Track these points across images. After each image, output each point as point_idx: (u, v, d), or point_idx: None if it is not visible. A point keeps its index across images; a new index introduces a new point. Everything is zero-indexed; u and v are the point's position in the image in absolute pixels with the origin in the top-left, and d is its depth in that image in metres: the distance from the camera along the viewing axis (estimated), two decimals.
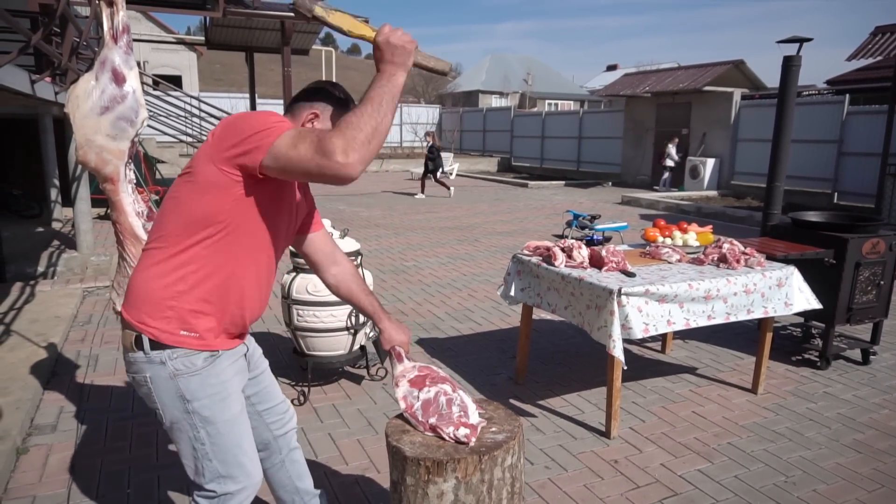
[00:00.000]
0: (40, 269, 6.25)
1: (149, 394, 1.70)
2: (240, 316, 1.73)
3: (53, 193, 8.45)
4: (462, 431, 1.72)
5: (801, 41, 5.34)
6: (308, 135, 1.44)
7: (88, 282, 5.85)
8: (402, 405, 1.82)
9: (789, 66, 5.14)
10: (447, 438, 1.72)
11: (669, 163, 15.60)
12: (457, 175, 19.63)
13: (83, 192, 6.54)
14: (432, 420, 1.76)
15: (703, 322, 3.17)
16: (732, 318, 3.27)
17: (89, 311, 5.18)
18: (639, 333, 2.93)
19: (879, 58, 10.41)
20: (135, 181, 2.42)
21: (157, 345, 1.64)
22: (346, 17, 1.59)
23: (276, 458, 2.07)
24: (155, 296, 1.64)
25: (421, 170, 14.80)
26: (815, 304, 3.55)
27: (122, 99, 2.26)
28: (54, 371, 3.88)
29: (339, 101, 1.74)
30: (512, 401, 3.58)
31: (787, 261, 3.67)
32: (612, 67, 43.86)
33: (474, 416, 1.78)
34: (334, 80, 1.84)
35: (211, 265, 1.63)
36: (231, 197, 1.58)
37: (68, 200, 7.02)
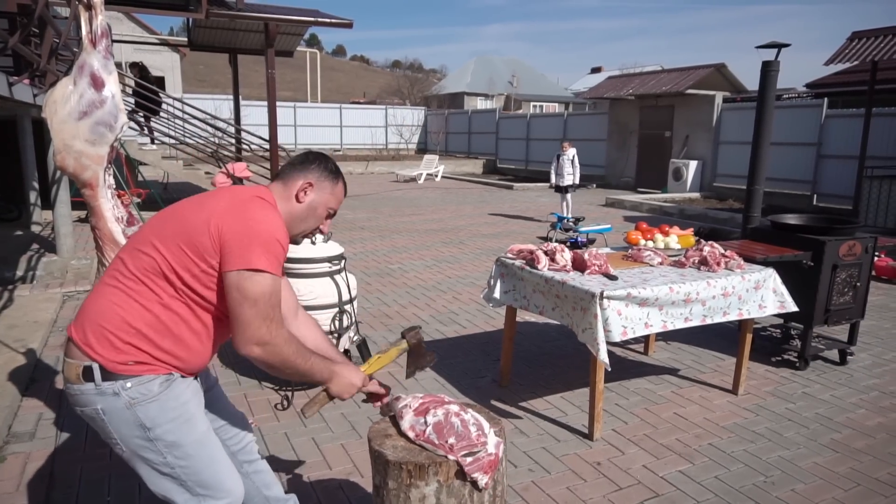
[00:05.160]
0: (19, 273, 6.16)
1: (103, 427, 1.65)
2: (182, 361, 1.70)
3: (33, 196, 8.33)
4: (483, 480, 1.69)
5: (779, 46, 5.42)
6: (268, 306, 1.60)
7: (68, 286, 5.78)
8: (412, 435, 1.78)
9: (768, 71, 5.22)
10: (483, 457, 1.69)
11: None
12: (442, 177, 19.66)
13: (63, 195, 6.46)
14: (451, 441, 1.71)
15: (679, 324, 3.21)
16: (708, 321, 3.31)
17: (69, 315, 5.11)
18: (617, 336, 2.96)
19: (856, 62, 10.58)
20: (114, 186, 2.40)
21: (108, 375, 1.60)
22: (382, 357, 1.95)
23: (239, 473, 2.04)
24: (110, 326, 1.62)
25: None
26: (789, 307, 3.60)
27: (100, 104, 2.24)
28: (33, 377, 3.82)
29: (332, 172, 1.84)
30: (496, 403, 3.60)
31: (766, 263, 3.72)
32: (596, 70, 44.15)
33: (492, 437, 1.75)
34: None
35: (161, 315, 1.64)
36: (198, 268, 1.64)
37: (48, 203, 6.94)
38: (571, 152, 10.53)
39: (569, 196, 10.59)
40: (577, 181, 10.60)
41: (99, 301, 1.65)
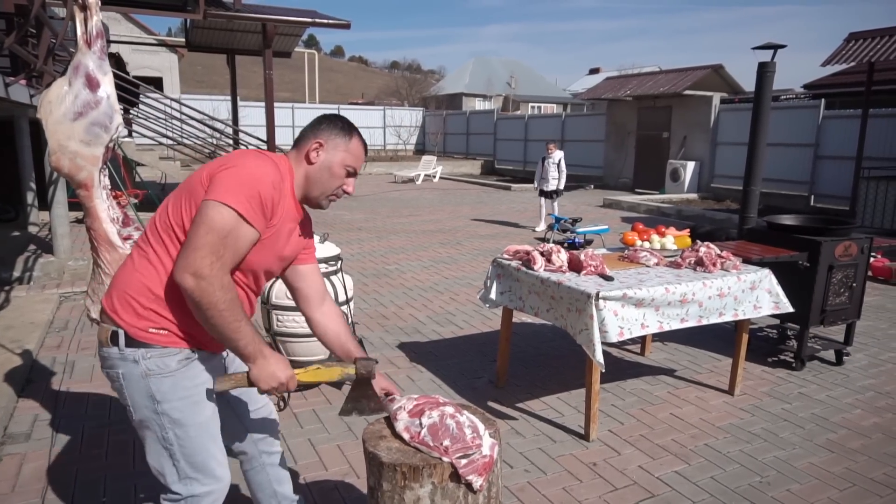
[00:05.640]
0: (16, 273, 6.15)
1: (121, 390, 1.71)
2: (203, 332, 1.69)
3: (30, 197, 8.32)
4: (476, 481, 1.67)
5: (775, 48, 5.43)
6: (222, 244, 1.55)
7: (65, 287, 5.77)
8: (406, 437, 1.77)
9: (764, 72, 5.23)
10: (458, 470, 1.67)
11: None
12: (440, 178, 19.66)
13: (60, 196, 6.45)
14: (446, 443, 1.70)
15: (675, 325, 3.21)
16: (704, 321, 3.32)
17: (66, 316, 5.10)
18: (614, 337, 2.96)
19: (853, 63, 10.61)
20: (109, 187, 2.40)
21: (132, 342, 1.65)
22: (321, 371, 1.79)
23: (255, 462, 2.06)
24: (132, 291, 1.67)
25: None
26: (785, 307, 3.61)
27: (95, 104, 2.23)
28: (29, 378, 3.82)
29: (343, 129, 1.80)
30: (492, 404, 3.60)
31: (762, 264, 3.73)
32: (594, 71, 44.18)
33: (487, 438, 1.74)
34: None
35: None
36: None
37: (45, 204, 6.91)
38: (557, 155, 9.95)
39: (555, 204, 10.12)
40: (562, 186, 10.04)
41: (124, 269, 1.72)
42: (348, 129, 1.81)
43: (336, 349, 1.95)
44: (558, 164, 9.89)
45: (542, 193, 10.10)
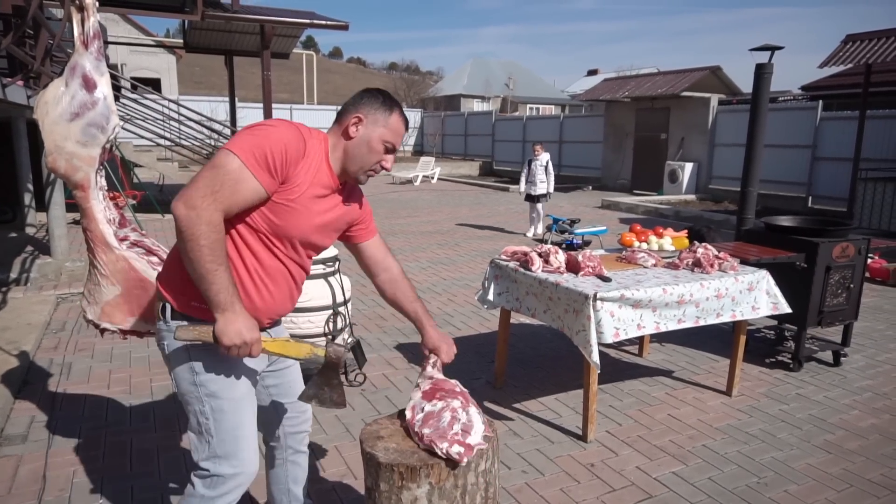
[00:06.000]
0: (13, 275, 6.14)
1: (167, 362, 1.78)
2: (251, 307, 1.72)
3: (27, 198, 8.31)
4: (455, 449, 1.66)
5: (772, 49, 5.44)
6: (221, 183, 1.57)
7: (62, 288, 5.76)
8: (409, 415, 1.79)
9: (761, 74, 5.24)
10: (440, 454, 1.66)
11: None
12: (438, 179, 19.67)
13: (57, 197, 6.44)
14: (426, 431, 1.71)
15: (672, 326, 3.21)
16: (702, 322, 3.32)
17: (63, 318, 5.09)
18: (609, 338, 2.96)
19: (850, 65, 10.64)
20: (106, 188, 2.40)
21: (176, 314, 1.71)
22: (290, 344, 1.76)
23: (279, 455, 2.10)
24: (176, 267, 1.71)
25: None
26: (783, 308, 3.61)
27: (92, 105, 2.23)
28: (26, 380, 3.81)
29: (384, 104, 1.79)
30: (490, 405, 3.60)
31: (759, 265, 3.73)
32: (592, 72, 44.21)
33: (475, 437, 1.72)
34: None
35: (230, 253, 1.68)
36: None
37: (42, 205, 6.90)
38: (545, 157, 9.48)
39: (540, 206, 9.56)
40: (550, 190, 9.56)
41: (173, 250, 1.76)
42: (389, 104, 1.80)
43: (400, 311, 2.10)
44: (546, 167, 9.45)
45: (530, 198, 9.59)
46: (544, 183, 9.46)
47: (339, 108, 1.83)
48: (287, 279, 1.80)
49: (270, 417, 2.04)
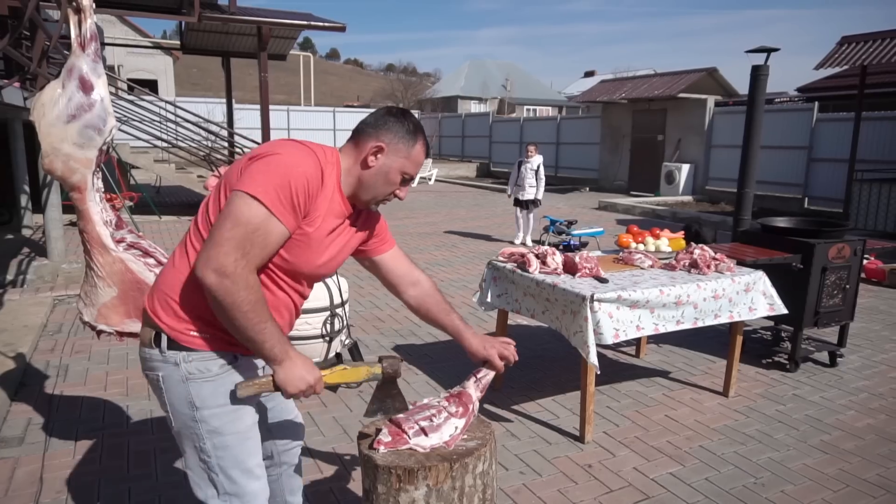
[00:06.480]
0: (9, 277, 6.12)
1: (160, 394, 1.65)
2: None
3: (24, 200, 8.29)
4: (392, 429, 1.70)
5: (768, 51, 5.46)
6: (248, 240, 1.46)
7: (59, 290, 5.74)
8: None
9: (757, 75, 5.26)
10: (411, 444, 1.70)
11: None
12: (436, 180, 19.67)
13: (54, 199, 6.43)
14: (399, 416, 1.76)
15: (671, 327, 3.22)
16: (700, 323, 3.33)
17: (59, 320, 5.08)
18: (609, 339, 2.97)
19: (846, 67, 10.68)
20: (103, 190, 2.39)
21: (174, 344, 1.59)
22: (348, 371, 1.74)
23: (274, 471, 2.03)
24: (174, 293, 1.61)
25: None
26: (779, 309, 3.62)
27: (89, 107, 2.23)
28: (22, 382, 3.80)
29: (409, 133, 1.64)
30: (488, 406, 3.60)
31: (756, 266, 3.74)
32: (589, 74, 44.31)
33: (423, 440, 1.71)
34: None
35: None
36: None
37: (39, 207, 6.89)
38: (537, 160, 8.78)
39: (529, 214, 8.93)
40: (540, 196, 8.91)
41: (166, 269, 1.66)
42: (414, 132, 1.64)
43: (436, 327, 2.00)
44: (536, 171, 8.77)
45: (518, 203, 8.96)
46: (533, 188, 8.80)
47: (356, 127, 1.67)
48: (290, 308, 1.73)
49: (264, 438, 1.94)
